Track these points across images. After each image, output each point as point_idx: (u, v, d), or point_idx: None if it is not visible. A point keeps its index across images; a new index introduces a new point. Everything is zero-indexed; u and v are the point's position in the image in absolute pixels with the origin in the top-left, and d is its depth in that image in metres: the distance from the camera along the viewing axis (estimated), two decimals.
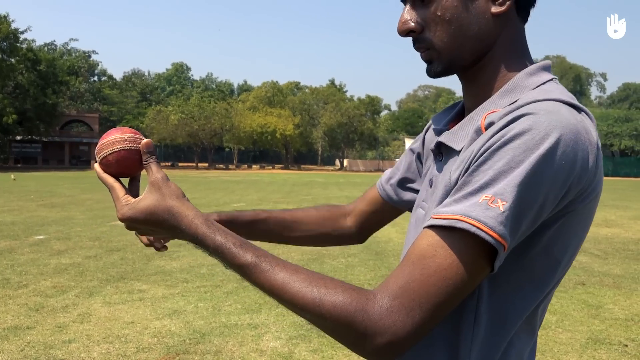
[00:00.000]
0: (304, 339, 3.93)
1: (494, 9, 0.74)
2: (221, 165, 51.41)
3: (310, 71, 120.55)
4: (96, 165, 0.82)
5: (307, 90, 60.15)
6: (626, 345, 3.93)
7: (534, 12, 0.78)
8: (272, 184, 24.56)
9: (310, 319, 0.68)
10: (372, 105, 54.68)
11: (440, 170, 0.81)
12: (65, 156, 49.62)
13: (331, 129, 49.55)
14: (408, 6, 0.78)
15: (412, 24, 0.77)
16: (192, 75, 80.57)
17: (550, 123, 0.64)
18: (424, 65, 0.81)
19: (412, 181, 1.00)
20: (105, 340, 3.84)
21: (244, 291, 5.23)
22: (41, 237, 8.15)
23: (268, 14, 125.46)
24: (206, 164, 49.13)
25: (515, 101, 0.71)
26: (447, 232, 0.64)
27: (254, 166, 52.56)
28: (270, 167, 51.16)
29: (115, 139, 0.80)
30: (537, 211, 0.64)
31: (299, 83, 67.56)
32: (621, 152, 53.15)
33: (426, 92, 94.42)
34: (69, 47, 53.90)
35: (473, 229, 0.62)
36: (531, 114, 0.65)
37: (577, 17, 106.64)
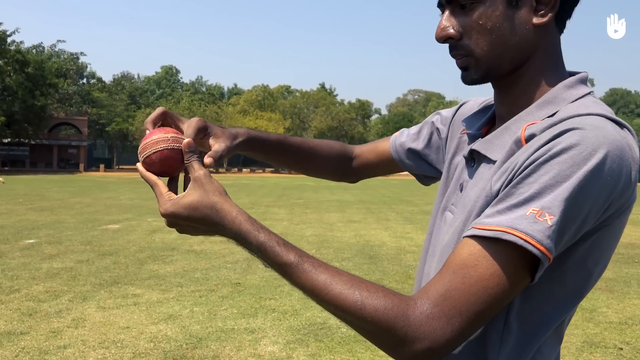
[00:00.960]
0: (301, 343, 3.92)
1: (535, 20, 0.74)
2: (211, 169, 51.23)
3: (300, 75, 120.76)
4: (139, 164, 0.83)
5: (297, 94, 60.17)
6: (621, 349, 3.97)
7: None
8: (263, 187, 24.52)
9: (351, 321, 0.68)
10: (363, 109, 54.88)
11: (471, 176, 0.82)
12: (54, 159, 49.17)
13: (322, 133, 49.64)
14: (447, 13, 0.78)
15: (452, 30, 0.77)
16: (181, 78, 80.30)
17: (597, 139, 0.64)
18: (413, 69, 0.85)
19: (426, 155, 1.04)
20: (101, 345, 3.80)
21: (239, 295, 5.21)
22: (32, 241, 8.05)
23: (258, 17, 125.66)
24: None
25: (554, 113, 0.72)
26: (490, 242, 0.65)
27: (244, 169, 52.42)
28: (261, 171, 51.08)
29: (158, 138, 0.81)
30: (579, 225, 0.65)
31: (290, 87, 67.59)
32: None
33: (416, 97, 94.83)
34: (57, 49, 53.49)
35: (520, 242, 0.63)
36: (578, 128, 0.65)
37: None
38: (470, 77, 0.79)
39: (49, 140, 48.77)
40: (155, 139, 0.81)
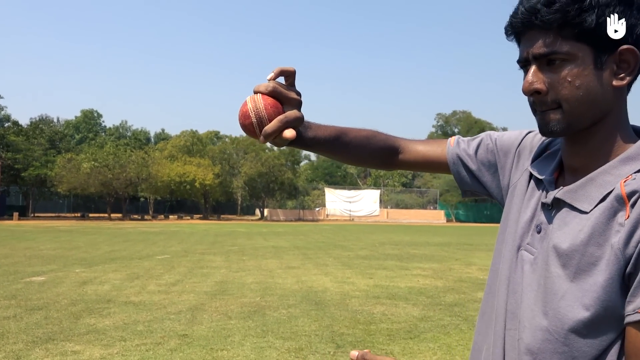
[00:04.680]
0: None
1: (615, 82, 0.82)
2: (136, 216, 49.25)
3: (230, 120, 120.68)
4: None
5: (227, 139, 59.88)
6: None
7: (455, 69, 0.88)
8: (194, 234, 23.86)
9: None
10: (292, 155, 55.30)
11: (550, 221, 0.88)
12: None
13: (251, 179, 49.39)
14: (534, 68, 0.84)
15: (539, 85, 0.84)
16: (103, 122, 77.85)
17: None
18: (343, 114, 0.94)
19: (480, 176, 1.10)
20: None
21: (188, 347, 4.99)
22: None
23: (184, 60, 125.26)
24: (120, 215, 46.93)
25: None
26: None
27: (171, 216, 50.84)
28: (189, 217, 49.73)
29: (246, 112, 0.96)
30: None
31: (219, 132, 67.24)
32: None
33: None
34: None
35: None
36: None
37: (481, 77, 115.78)
38: (552, 129, 0.86)
39: None
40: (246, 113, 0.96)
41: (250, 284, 9.00)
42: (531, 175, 0.98)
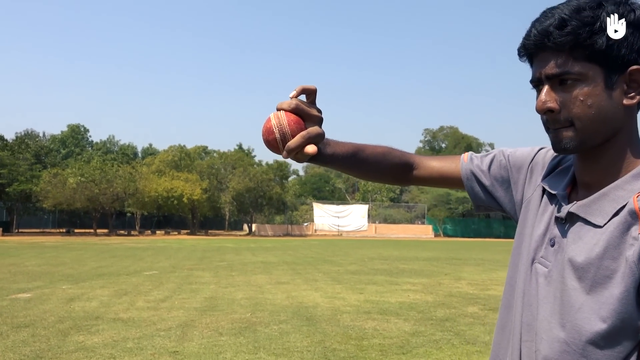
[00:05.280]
0: None
1: (625, 101, 0.86)
2: (123, 231, 48.72)
3: (217, 135, 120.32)
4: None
5: (215, 154, 59.71)
6: None
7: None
8: (182, 250, 23.66)
9: None
10: (281, 170, 55.28)
11: (565, 235, 0.90)
12: None
13: (239, 194, 49.19)
14: (547, 87, 0.88)
15: (552, 104, 0.87)
16: (90, 137, 77.32)
17: None
18: (329, 131, 1.02)
19: (493, 192, 1.12)
20: None
21: None
22: None
23: (171, 76, 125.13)
24: (106, 230, 46.39)
25: None
26: None
27: (158, 232, 50.42)
28: (176, 233, 49.34)
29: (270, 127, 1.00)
30: None
31: (207, 147, 67.05)
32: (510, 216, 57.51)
33: None
34: None
35: None
36: None
37: (468, 93, 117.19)
38: (564, 146, 0.89)
39: None
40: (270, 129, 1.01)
41: (240, 299, 8.93)
42: (544, 191, 1.00)
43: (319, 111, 1.03)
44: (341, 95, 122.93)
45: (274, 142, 1.00)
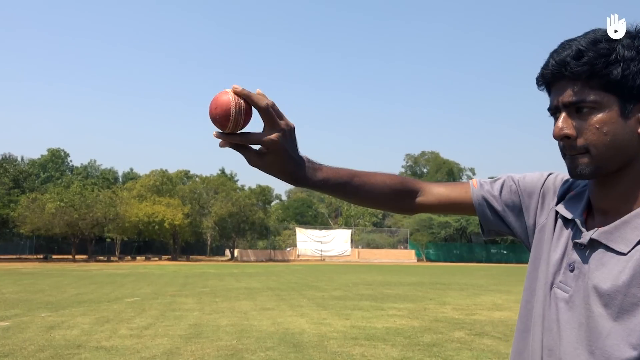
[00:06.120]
0: None
1: None
2: (102, 257, 47.78)
3: (200, 160, 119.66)
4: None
5: (197, 179, 59.36)
6: None
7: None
8: (163, 276, 23.30)
9: None
10: (263, 194, 55.18)
11: (585, 261, 0.92)
12: None
13: (222, 219, 48.82)
14: (564, 115, 0.91)
15: (569, 131, 0.90)
16: (71, 161, 76.39)
17: None
18: (308, 152, 1.04)
19: (505, 217, 1.12)
20: None
21: None
22: None
23: (154, 100, 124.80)
24: (85, 256, 45.54)
25: None
26: None
27: (138, 257, 49.62)
28: (157, 258, 48.59)
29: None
30: None
31: (189, 171, 66.67)
32: (492, 240, 57.90)
33: None
34: None
35: None
36: None
37: (449, 118, 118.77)
38: (580, 172, 0.91)
39: None
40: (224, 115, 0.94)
41: (225, 326, 8.81)
42: (557, 216, 1.02)
43: (286, 127, 1.00)
44: (323, 120, 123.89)
45: (224, 120, 0.94)
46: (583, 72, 0.88)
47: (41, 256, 46.60)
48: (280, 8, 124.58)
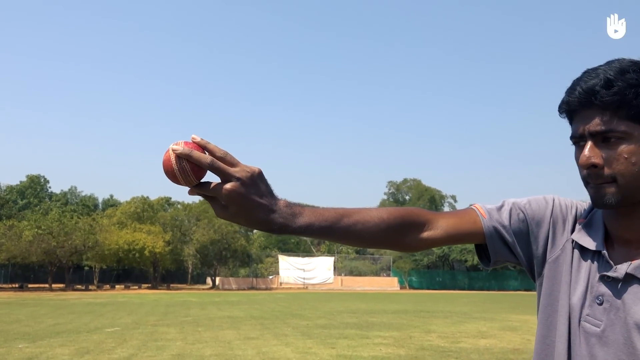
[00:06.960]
0: None
1: None
2: (80, 286, 46.73)
3: (181, 187, 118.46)
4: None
5: (179, 206, 58.88)
6: None
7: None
8: (144, 305, 22.85)
9: None
10: None
11: (618, 295, 0.91)
12: None
13: (204, 246, 48.29)
14: (591, 144, 0.91)
15: (597, 160, 0.90)
16: (50, 187, 75.21)
17: None
18: (287, 182, 0.98)
19: (513, 247, 1.06)
20: None
21: None
22: None
23: (134, 126, 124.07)
24: (62, 285, 44.49)
25: None
26: None
27: (117, 286, 48.68)
28: (137, 287, 47.70)
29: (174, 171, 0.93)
30: None
31: (170, 198, 66.01)
32: (474, 267, 58.12)
33: None
34: None
35: None
36: None
37: (430, 145, 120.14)
38: (607, 201, 0.91)
39: None
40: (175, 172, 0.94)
41: (209, 356, 8.65)
42: (573, 245, 1.01)
43: (244, 173, 0.91)
44: (304, 148, 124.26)
45: (172, 178, 0.94)
46: (614, 102, 0.88)
47: (16, 285, 45.42)
48: (262, 30, 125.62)
